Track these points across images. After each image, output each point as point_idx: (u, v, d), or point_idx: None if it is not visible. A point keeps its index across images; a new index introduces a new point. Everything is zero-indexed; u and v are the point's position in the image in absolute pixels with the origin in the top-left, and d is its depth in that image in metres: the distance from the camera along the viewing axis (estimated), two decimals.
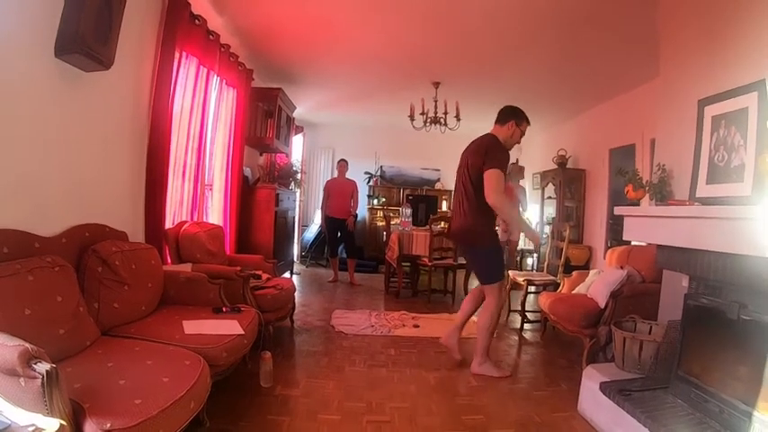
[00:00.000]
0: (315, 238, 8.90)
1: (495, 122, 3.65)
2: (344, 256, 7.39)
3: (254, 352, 3.14)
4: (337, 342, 4.18)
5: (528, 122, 3.65)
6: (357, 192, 7.47)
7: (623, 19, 3.90)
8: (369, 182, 9.93)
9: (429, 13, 4.13)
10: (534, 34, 4.44)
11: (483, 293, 3.66)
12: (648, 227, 2.86)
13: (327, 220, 7.34)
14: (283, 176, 6.59)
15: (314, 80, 6.57)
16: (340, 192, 7.26)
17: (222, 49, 4.50)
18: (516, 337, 4.68)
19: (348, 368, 3.56)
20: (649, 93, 5.18)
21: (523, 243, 8.63)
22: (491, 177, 3.33)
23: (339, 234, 7.35)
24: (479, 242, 3.54)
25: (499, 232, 7.69)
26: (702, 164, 2.71)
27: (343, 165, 7.41)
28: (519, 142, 3.69)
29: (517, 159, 3.47)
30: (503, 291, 3.63)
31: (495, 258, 3.59)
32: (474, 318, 3.81)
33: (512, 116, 3.58)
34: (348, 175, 7.50)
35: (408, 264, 6.72)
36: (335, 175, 7.78)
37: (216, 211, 4.93)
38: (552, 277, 5.06)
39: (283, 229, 6.26)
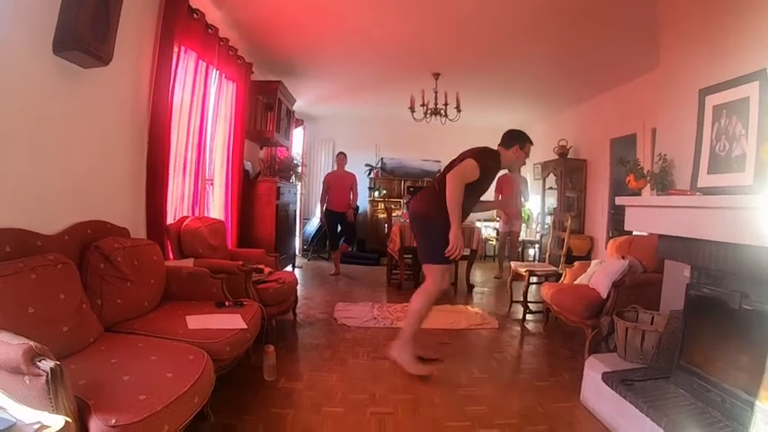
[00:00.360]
0: (316, 231, 8.91)
1: (499, 145, 3.59)
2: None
3: (258, 346, 3.15)
4: (340, 335, 4.20)
5: (531, 143, 3.61)
6: (356, 184, 7.49)
7: (623, 8, 3.88)
8: (369, 174, 9.92)
9: (428, 3, 4.11)
10: (534, 24, 4.42)
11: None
12: (650, 217, 2.86)
13: (327, 214, 7.37)
14: (284, 170, 6.58)
15: (314, 73, 6.55)
16: (339, 185, 7.28)
17: (221, 43, 4.48)
18: (519, 328, 4.69)
19: (351, 360, 3.57)
20: (650, 82, 5.16)
21: (525, 234, 8.65)
22: (466, 163, 3.29)
23: (339, 227, 7.37)
24: (436, 218, 3.33)
25: (500, 224, 7.73)
26: (704, 153, 2.71)
27: (342, 158, 7.43)
28: (524, 164, 3.69)
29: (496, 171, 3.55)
30: (444, 277, 3.44)
31: (442, 238, 3.32)
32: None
33: (516, 140, 3.53)
34: (349, 167, 7.52)
35: (410, 256, 6.73)
36: (335, 167, 7.80)
37: (217, 206, 4.94)
38: (554, 268, 5.06)
39: (285, 223, 6.27)
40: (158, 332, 2.45)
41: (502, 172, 3.90)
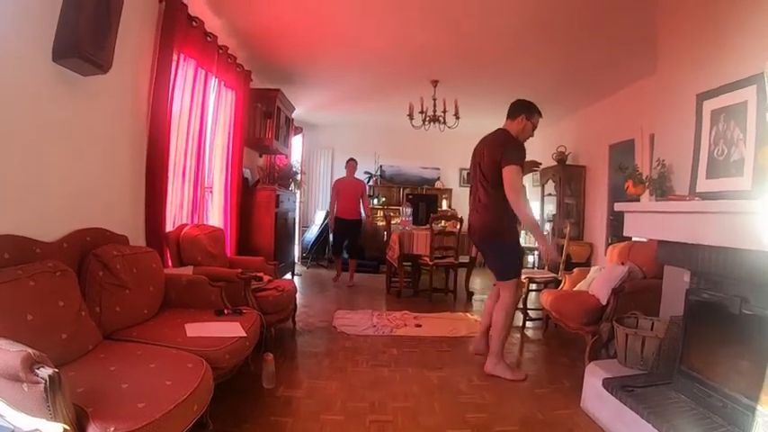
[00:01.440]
0: (315, 239, 8.91)
1: (507, 117, 3.59)
2: (346, 256, 7.37)
3: (257, 354, 3.14)
4: (339, 342, 4.18)
5: (539, 114, 3.56)
6: (366, 192, 7.40)
7: (620, 14, 3.90)
8: (369, 181, 9.92)
9: (426, 10, 4.13)
10: (532, 31, 4.44)
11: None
12: (649, 222, 2.86)
13: (336, 221, 7.19)
14: (283, 177, 6.58)
15: (312, 81, 6.58)
16: (349, 192, 7.15)
17: (220, 51, 4.50)
18: (518, 335, 4.68)
19: (350, 368, 3.56)
20: (648, 88, 5.17)
21: (524, 241, 8.63)
22: (509, 173, 3.27)
23: (347, 238, 7.24)
24: (499, 237, 3.47)
25: None
26: (702, 158, 2.71)
27: (352, 165, 7.30)
28: (532, 135, 3.60)
29: (526, 153, 3.51)
30: (518, 288, 3.60)
31: (514, 254, 3.57)
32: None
33: (522, 110, 3.51)
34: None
35: (409, 263, 6.72)
36: (342, 175, 7.62)
37: (216, 214, 4.93)
38: (553, 274, 5.06)
39: (284, 231, 6.26)
40: (157, 340, 2.44)
41: None
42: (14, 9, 2.19)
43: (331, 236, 7.61)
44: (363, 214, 7.40)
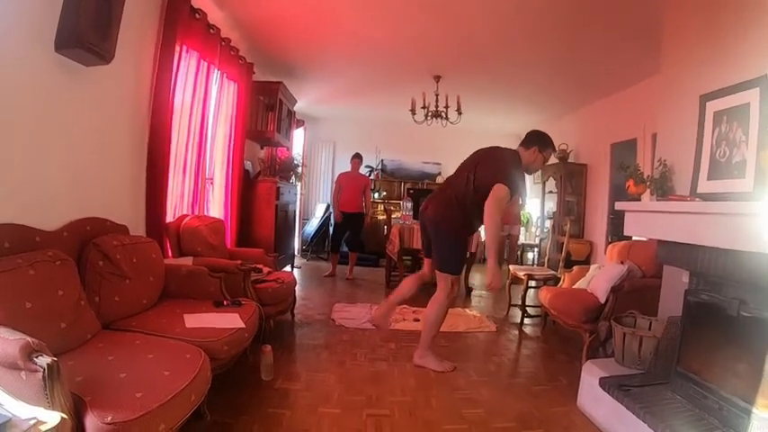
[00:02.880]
0: (316, 231, 8.91)
1: (520, 144, 3.52)
2: (345, 249, 7.38)
3: (255, 345, 3.14)
4: (338, 336, 4.19)
5: (554, 149, 3.57)
6: (369, 187, 7.43)
7: (625, 13, 3.89)
8: (370, 175, 9.92)
9: (430, 5, 4.11)
10: (536, 28, 4.42)
11: (422, 278, 3.73)
12: (649, 222, 2.86)
13: (339, 213, 7.23)
14: (284, 170, 6.58)
15: (315, 74, 6.56)
16: (352, 186, 7.19)
17: (223, 43, 4.48)
18: (516, 332, 4.69)
19: (348, 362, 3.57)
20: (651, 88, 5.15)
21: (524, 238, 8.65)
22: (500, 190, 3.18)
23: (347, 231, 7.26)
24: (448, 225, 3.41)
25: None
26: (704, 159, 2.71)
27: (356, 162, 7.32)
28: (542, 167, 3.64)
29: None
30: (454, 287, 3.50)
31: (457, 248, 3.47)
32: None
33: (536, 142, 3.45)
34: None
35: (409, 257, 6.73)
36: (344, 168, 7.68)
37: (217, 205, 4.94)
38: (553, 272, 5.06)
39: (284, 223, 6.27)
40: (156, 330, 2.45)
41: None
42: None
43: (332, 229, 7.61)
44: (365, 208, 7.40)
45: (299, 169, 7.14)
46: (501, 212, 3.23)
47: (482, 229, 3.61)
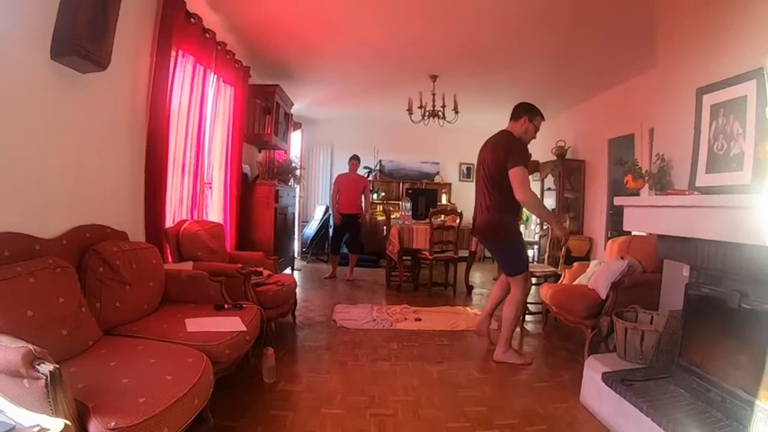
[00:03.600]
0: (315, 233, 8.91)
1: (510, 119, 3.72)
2: (345, 250, 7.38)
3: (257, 348, 3.15)
4: (339, 337, 4.19)
5: (541, 117, 3.70)
6: (368, 189, 7.46)
7: (620, 9, 3.89)
8: (368, 176, 9.92)
9: (425, 4, 4.11)
10: (531, 26, 4.42)
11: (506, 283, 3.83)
12: (648, 217, 2.86)
13: (339, 215, 7.26)
14: (282, 173, 6.59)
15: (311, 76, 6.56)
16: (350, 187, 7.20)
17: (218, 47, 4.48)
18: (518, 329, 4.68)
19: (350, 363, 3.57)
20: (647, 82, 5.16)
21: (525, 235, 8.63)
22: (516, 175, 3.42)
23: (347, 232, 7.28)
24: (503, 236, 3.67)
25: None
26: (702, 153, 2.71)
27: (354, 163, 7.35)
28: (534, 137, 3.73)
29: (530, 154, 3.55)
30: (527, 282, 3.77)
31: (519, 251, 3.73)
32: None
33: (524, 112, 3.64)
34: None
35: (409, 257, 6.73)
36: (342, 170, 7.69)
37: (216, 209, 4.94)
38: (553, 269, 5.06)
39: (283, 226, 6.27)
40: (157, 335, 2.46)
41: None
42: (13, 7, 2.18)
43: (331, 231, 7.62)
44: (364, 208, 7.41)
45: (298, 172, 7.14)
46: (529, 189, 3.48)
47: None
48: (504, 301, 3.80)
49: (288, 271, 6.59)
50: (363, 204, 7.35)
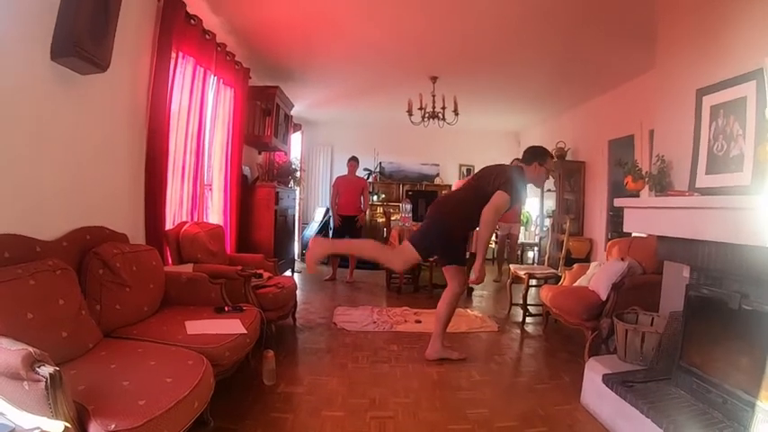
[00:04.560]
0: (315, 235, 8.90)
1: (521, 161, 3.70)
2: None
3: (257, 351, 3.15)
4: (340, 339, 4.19)
5: (552, 157, 3.71)
6: (367, 189, 7.45)
7: (619, 10, 3.89)
8: (368, 178, 9.93)
9: (426, 5, 4.11)
10: (531, 27, 4.43)
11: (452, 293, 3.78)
12: (648, 218, 2.86)
13: (338, 218, 7.26)
14: (282, 175, 6.58)
15: (311, 77, 6.56)
16: (349, 189, 7.20)
17: (219, 49, 4.49)
18: (518, 331, 4.69)
19: (351, 365, 3.56)
20: (647, 83, 5.16)
21: (524, 237, 8.65)
22: (500, 198, 3.36)
23: (347, 234, 7.22)
24: (457, 233, 3.67)
25: (499, 227, 7.72)
26: (701, 154, 2.71)
27: (353, 164, 7.33)
28: (547, 178, 3.75)
29: (522, 202, 3.64)
30: (465, 274, 3.76)
31: (460, 246, 3.76)
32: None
33: (534, 157, 3.60)
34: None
35: None
36: (341, 172, 7.69)
37: (216, 211, 4.94)
38: (553, 270, 5.06)
39: (284, 228, 6.27)
40: (157, 337, 2.45)
41: None
42: (13, 8, 2.19)
43: (331, 233, 7.61)
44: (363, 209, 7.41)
45: (298, 174, 7.14)
46: (496, 218, 3.42)
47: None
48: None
49: (288, 273, 6.59)
50: (362, 205, 7.34)
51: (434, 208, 3.70)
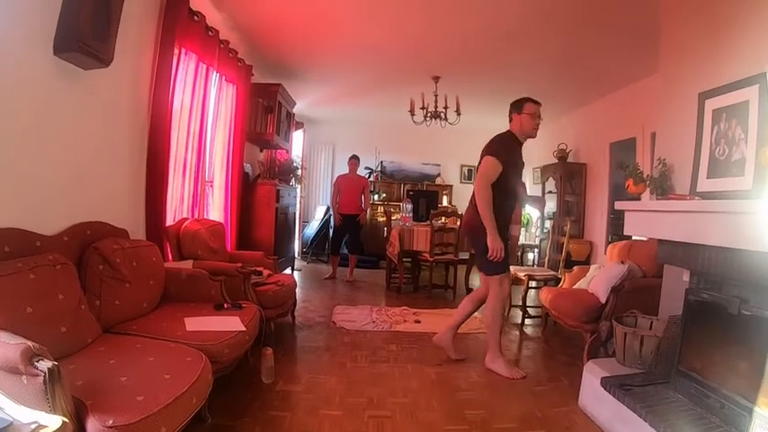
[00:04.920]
0: (315, 234, 8.91)
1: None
2: (345, 251, 7.37)
3: (256, 348, 3.15)
4: (339, 338, 4.19)
5: (531, 101, 3.53)
6: (368, 188, 7.41)
7: (623, 12, 3.89)
8: (369, 177, 9.92)
9: (428, 5, 4.11)
10: (534, 28, 4.42)
11: (481, 295, 3.68)
12: (649, 221, 2.86)
13: (339, 216, 7.20)
14: (284, 172, 6.58)
15: (314, 75, 6.56)
16: (350, 188, 7.17)
17: (221, 45, 4.49)
18: (517, 333, 4.69)
19: (349, 364, 3.56)
20: (650, 86, 5.16)
21: (524, 238, 8.65)
22: (485, 163, 3.39)
23: (347, 233, 7.23)
24: (479, 231, 3.44)
25: None
26: (703, 158, 2.71)
27: (354, 162, 7.30)
28: (535, 126, 3.52)
29: (522, 161, 3.54)
30: (504, 284, 3.55)
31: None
32: (477, 314, 3.84)
33: (511, 110, 3.58)
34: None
35: (409, 259, 6.73)
36: (342, 170, 7.65)
37: (216, 208, 4.93)
38: (553, 272, 5.06)
39: (284, 226, 6.27)
40: (157, 334, 2.45)
41: None
42: (15, 3, 2.18)
43: (332, 232, 7.61)
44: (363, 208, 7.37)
45: (299, 172, 7.14)
46: (487, 184, 3.36)
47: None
48: (483, 306, 3.67)
49: (288, 271, 6.59)
50: (363, 204, 7.30)
51: (465, 220, 3.72)
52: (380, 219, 9.47)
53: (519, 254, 8.13)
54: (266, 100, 5.92)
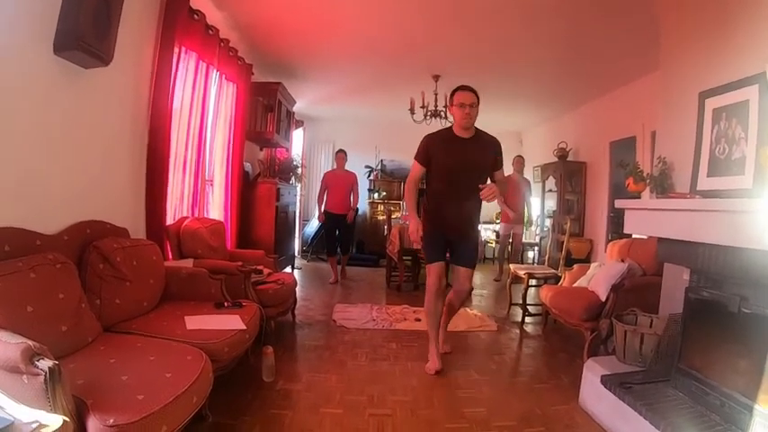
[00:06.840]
0: (316, 232, 8.89)
1: None
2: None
3: (256, 347, 3.15)
4: (339, 336, 4.19)
5: (459, 89, 3.58)
6: (357, 184, 7.04)
7: (623, 11, 3.88)
8: (369, 176, 9.93)
9: (427, 5, 4.11)
10: (535, 26, 4.42)
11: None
12: (649, 220, 2.86)
13: (326, 216, 6.86)
14: (284, 171, 6.57)
15: (314, 74, 6.56)
16: (339, 185, 6.83)
17: (221, 44, 4.48)
18: (518, 331, 4.69)
19: (350, 362, 3.57)
20: (650, 85, 5.16)
21: (525, 237, 8.64)
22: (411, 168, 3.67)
23: (338, 231, 6.95)
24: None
25: (501, 226, 7.72)
26: (703, 156, 2.71)
27: (341, 156, 6.99)
28: (466, 116, 3.50)
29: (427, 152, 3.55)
30: (429, 274, 3.60)
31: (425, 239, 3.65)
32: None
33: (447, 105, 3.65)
34: (349, 168, 7.09)
35: (409, 258, 6.73)
36: (334, 166, 7.32)
37: (217, 207, 4.93)
38: (553, 270, 5.06)
39: (284, 224, 6.26)
40: (157, 332, 2.45)
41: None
42: (16, 2, 2.18)
43: (319, 231, 7.48)
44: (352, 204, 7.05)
45: (299, 170, 7.11)
46: (411, 183, 3.71)
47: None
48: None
49: (288, 269, 6.58)
50: (352, 202, 6.96)
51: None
52: (381, 217, 9.48)
53: (520, 253, 8.13)
54: (266, 98, 5.92)
